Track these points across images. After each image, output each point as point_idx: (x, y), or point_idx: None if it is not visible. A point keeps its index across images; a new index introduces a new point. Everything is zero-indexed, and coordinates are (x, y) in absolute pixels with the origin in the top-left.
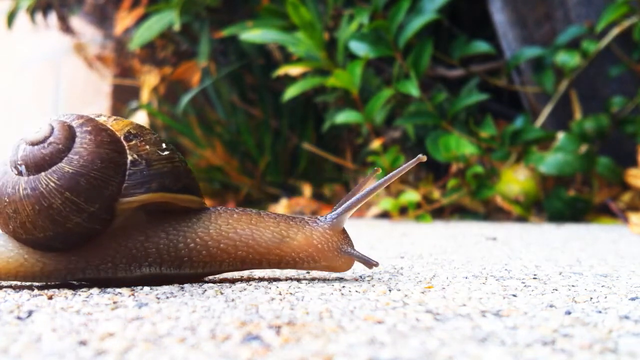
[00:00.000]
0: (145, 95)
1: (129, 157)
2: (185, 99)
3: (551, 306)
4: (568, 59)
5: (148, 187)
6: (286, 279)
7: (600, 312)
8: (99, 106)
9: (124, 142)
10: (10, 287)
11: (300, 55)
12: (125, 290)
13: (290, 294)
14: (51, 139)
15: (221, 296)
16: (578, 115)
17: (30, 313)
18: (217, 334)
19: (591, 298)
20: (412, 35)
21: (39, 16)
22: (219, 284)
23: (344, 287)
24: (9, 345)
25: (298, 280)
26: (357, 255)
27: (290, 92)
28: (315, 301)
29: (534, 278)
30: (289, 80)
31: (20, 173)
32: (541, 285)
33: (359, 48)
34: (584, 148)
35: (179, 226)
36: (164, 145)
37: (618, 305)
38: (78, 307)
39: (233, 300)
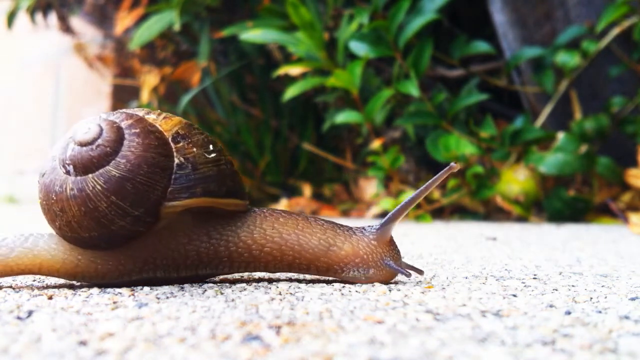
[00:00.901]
0: (145, 95)
1: (176, 161)
2: (185, 99)
3: (551, 306)
4: (568, 59)
5: (193, 191)
6: (286, 279)
7: (600, 312)
8: (99, 106)
9: (172, 144)
10: (10, 287)
11: (300, 55)
12: (125, 290)
13: (290, 294)
14: (99, 141)
15: (221, 296)
16: (578, 115)
17: (30, 313)
18: (217, 334)
19: (591, 298)
20: (412, 35)
21: (39, 16)
22: (219, 284)
23: (344, 287)
24: (9, 345)
25: (298, 280)
26: (401, 271)
27: (290, 92)
28: (315, 301)
29: (534, 278)
30: (289, 80)
31: (68, 172)
32: (541, 285)
33: (359, 48)
34: (584, 148)
35: (223, 230)
36: (211, 147)
37: (618, 305)
38: (78, 307)
39: (233, 300)
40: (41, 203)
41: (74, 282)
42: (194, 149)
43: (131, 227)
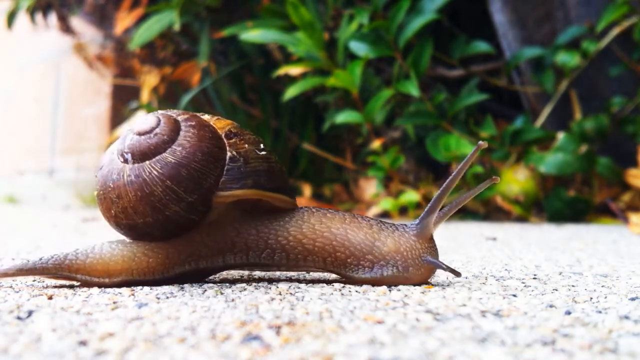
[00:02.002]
0: (145, 95)
1: (228, 154)
2: (185, 99)
3: (551, 306)
4: (568, 59)
5: (244, 183)
6: (286, 279)
7: (600, 312)
8: (99, 106)
9: (225, 139)
10: (10, 287)
11: (300, 55)
12: (125, 290)
13: (290, 294)
14: (157, 130)
15: (221, 296)
16: (578, 115)
17: (30, 313)
18: (217, 334)
19: (591, 298)
20: (412, 35)
21: (39, 16)
22: (219, 284)
23: (344, 287)
24: (9, 345)
25: (298, 280)
26: (440, 265)
27: (290, 92)
28: (315, 301)
29: (534, 278)
30: (289, 80)
31: (125, 161)
32: (541, 285)
33: (359, 48)
34: (584, 148)
35: (271, 224)
36: (261, 146)
37: (618, 305)
38: (78, 307)
39: (233, 300)
40: (97, 194)
41: (74, 282)
42: (246, 145)
43: (184, 214)
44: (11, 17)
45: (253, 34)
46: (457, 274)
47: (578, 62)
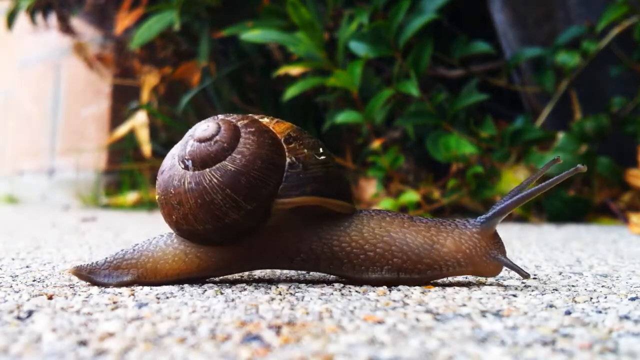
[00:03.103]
0: (145, 95)
1: (288, 160)
2: (185, 99)
3: (551, 306)
4: (568, 59)
5: (303, 190)
6: (286, 279)
7: (600, 312)
8: (99, 106)
9: (284, 145)
10: (10, 287)
11: (300, 55)
12: (125, 290)
13: (290, 294)
14: (217, 138)
15: (221, 296)
16: (578, 115)
17: (30, 313)
18: (217, 334)
19: (591, 298)
20: (412, 35)
21: (39, 16)
22: (219, 284)
23: (343, 287)
24: (9, 345)
25: (298, 280)
26: (508, 263)
27: (290, 92)
28: (315, 301)
29: (534, 278)
30: (289, 80)
31: (186, 167)
32: (541, 285)
33: (359, 48)
34: (584, 148)
35: (331, 230)
36: (320, 150)
37: (618, 305)
38: (78, 307)
39: (233, 300)
40: (159, 198)
41: (74, 282)
42: (305, 150)
43: (243, 222)
44: (11, 17)
45: (253, 34)
46: (525, 275)
47: (578, 62)
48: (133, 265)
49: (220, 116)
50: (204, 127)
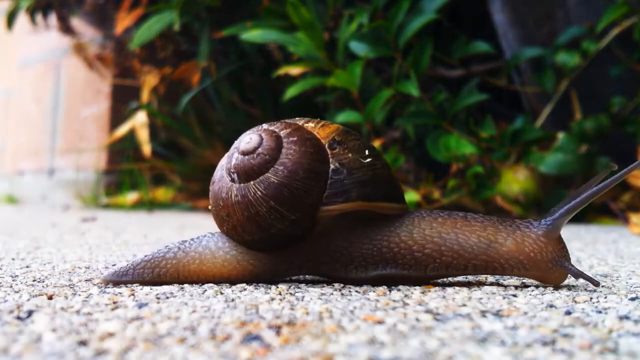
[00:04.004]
0: (145, 95)
1: (331, 166)
2: (185, 99)
3: (551, 306)
4: (568, 59)
5: (347, 196)
6: (286, 279)
7: (600, 312)
8: (99, 106)
9: (328, 151)
10: (10, 287)
11: (300, 55)
12: (125, 290)
13: (290, 294)
14: (260, 150)
15: (221, 296)
16: (578, 115)
17: (30, 313)
18: (217, 334)
19: (591, 298)
20: (412, 35)
21: (39, 16)
22: (219, 284)
23: (343, 287)
24: (9, 345)
25: (298, 280)
26: (576, 271)
27: (290, 92)
28: (315, 301)
29: None
30: (289, 80)
31: (233, 180)
32: (541, 285)
33: (359, 48)
34: (584, 148)
35: (381, 231)
36: (366, 152)
37: (618, 305)
38: (78, 307)
39: (233, 300)
40: (211, 209)
41: (74, 282)
42: (350, 154)
43: (290, 231)
44: (11, 17)
45: (253, 34)
46: (596, 284)
47: (578, 62)
48: (175, 265)
49: (265, 126)
50: (247, 140)
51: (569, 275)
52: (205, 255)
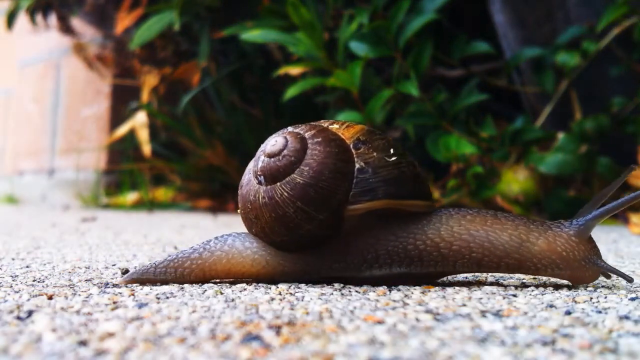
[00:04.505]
0: (145, 95)
1: (356, 165)
2: (185, 99)
3: (551, 306)
4: (568, 59)
5: (374, 194)
6: (286, 279)
7: (600, 312)
8: (99, 106)
9: (352, 150)
10: (10, 287)
11: (300, 55)
12: (125, 290)
13: (290, 294)
14: (285, 152)
15: (221, 296)
16: (578, 115)
17: (30, 313)
18: (217, 334)
19: (591, 298)
20: (412, 35)
21: (39, 16)
22: (219, 284)
23: (343, 287)
24: (9, 345)
25: (298, 280)
26: (609, 267)
27: (291, 92)
28: (315, 301)
29: (534, 278)
30: (289, 80)
31: (260, 182)
32: (541, 285)
33: (359, 48)
34: (584, 148)
35: (408, 228)
36: (392, 151)
37: (618, 305)
38: (78, 307)
39: (233, 300)
40: (240, 212)
41: (74, 282)
42: (375, 153)
43: (317, 231)
44: (11, 17)
45: (253, 34)
46: (629, 279)
47: (578, 62)
48: (200, 265)
49: (290, 128)
50: (273, 142)
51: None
52: (232, 254)
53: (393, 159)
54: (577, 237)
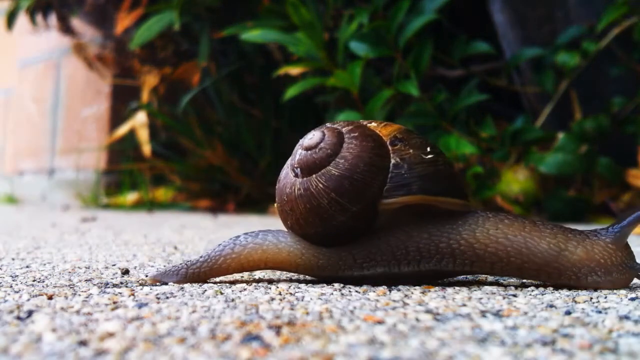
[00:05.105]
0: (145, 95)
1: (392, 161)
2: (185, 99)
3: (551, 306)
4: (568, 59)
5: (408, 189)
6: (286, 279)
7: (600, 312)
8: (99, 106)
9: (389, 147)
10: (10, 287)
11: (300, 55)
12: (125, 290)
13: (290, 294)
14: (322, 145)
15: (221, 296)
16: (578, 115)
17: (30, 313)
18: (217, 334)
19: (591, 298)
20: (412, 35)
21: (39, 16)
22: (219, 284)
23: (343, 287)
24: (9, 345)
25: (298, 280)
26: None
27: (291, 92)
28: (315, 301)
29: None
30: (289, 80)
31: (296, 175)
32: (541, 285)
33: (359, 48)
34: (584, 148)
35: (443, 227)
36: (428, 149)
37: (618, 305)
38: (78, 307)
39: (233, 300)
40: (277, 206)
41: (74, 282)
42: (411, 150)
43: (351, 223)
44: (11, 17)
45: (253, 34)
46: None
47: (578, 62)
48: (235, 259)
49: (327, 124)
50: (310, 136)
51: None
52: (266, 245)
53: (429, 156)
54: (614, 244)
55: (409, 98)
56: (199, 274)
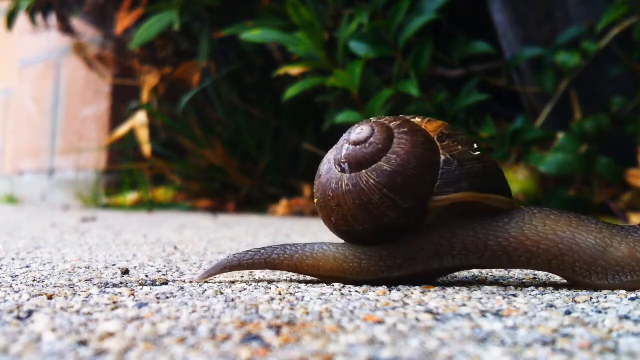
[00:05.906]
0: (145, 95)
1: (442, 157)
2: (185, 99)
3: (551, 306)
4: (568, 59)
5: (459, 186)
6: (286, 279)
7: (600, 312)
8: (99, 106)
9: (438, 143)
10: (10, 287)
11: (300, 55)
12: (125, 290)
13: (290, 294)
14: (372, 140)
15: (221, 296)
16: (578, 115)
17: (30, 313)
18: (217, 334)
19: (591, 298)
20: (412, 35)
21: (39, 16)
22: (219, 284)
23: (343, 287)
24: (9, 345)
25: (298, 280)
26: None
27: (290, 92)
28: (315, 301)
29: (533, 278)
30: (289, 80)
31: (343, 170)
32: (541, 285)
33: (359, 48)
34: (584, 148)
35: (489, 225)
36: (475, 146)
37: (618, 305)
38: (78, 307)
39: (233, 300)
40: (318, 201)
41: (74, 282)
42: (459, 147)
43: (401, 220)
44: (11, 17)
45: (253, 34)
46: None
47: (578, 62)
48: (288, 258)
49: (373, 119)
50: (358, 131)
51: None
52: (314, 253)
53: (477, 153)
54: None
55: (409, 98)
56: (252, 264)
